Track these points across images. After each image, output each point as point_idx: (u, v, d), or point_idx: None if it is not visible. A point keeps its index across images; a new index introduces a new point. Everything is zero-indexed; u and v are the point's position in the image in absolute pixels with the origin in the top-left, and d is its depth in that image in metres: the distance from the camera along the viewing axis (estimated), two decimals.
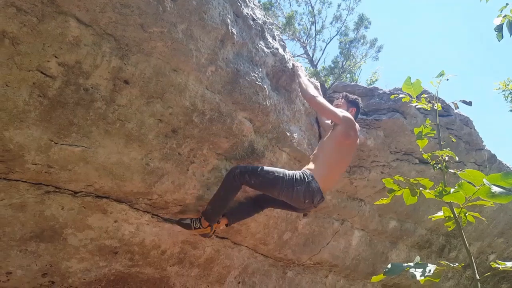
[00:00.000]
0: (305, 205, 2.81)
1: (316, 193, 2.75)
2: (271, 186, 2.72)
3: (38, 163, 2.20)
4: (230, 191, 2.76)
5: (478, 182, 1.10)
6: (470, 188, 1.09)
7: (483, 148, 4.70)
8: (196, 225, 2.82)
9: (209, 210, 2.82)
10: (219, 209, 2.82)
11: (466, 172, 1.09)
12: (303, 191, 2.70)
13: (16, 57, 1.87)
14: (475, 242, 5.76)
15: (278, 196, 2.76)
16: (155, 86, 2.29)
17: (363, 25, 15.42)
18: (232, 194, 2.78)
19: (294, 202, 2.78)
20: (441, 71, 1.41)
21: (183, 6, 2.16)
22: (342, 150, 2.93)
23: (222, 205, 2.80)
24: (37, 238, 2.48)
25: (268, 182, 2.70)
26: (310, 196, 2.73)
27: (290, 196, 2.73)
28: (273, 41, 3.01)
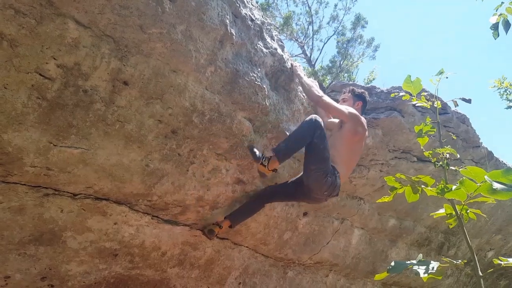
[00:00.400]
0: (321, 195, 2.88)
1: (336, 188, 2.87)
2: (319, 157, 2.76)
3: (37, 166, 2.19)
4: (306, 134, 2.73)
5: (479, 179, 1.11)
6: (472, 185, 1.10)
7: (480, 146, 4.72)
8: (264, 162, 2.75)
9: (282, 147, 2.77)
10: (291, 150, 2.78)
11: (468, 169, 1.09)
12: (330, 182, 2.79)
13: (14, 59, 1.86)
14: (474, 239, 5.78)
15: (310, 173, 2.79)
16: (155, 87, 2.29)
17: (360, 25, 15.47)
18: (307, 137, 2.73)
19: (316, 187, 2.83)
20: (440, 69, 1.42)
21: (182, 7, 2.16)
22: (353, 146, 3.03)
23: (296, 146, 2.78)
24: (36, 241, 2.47)
25: (321, 152, 2.75)
26: (332, 189, 2.83)
27: (318, 179, 2.77)
28: (272, 41, 3.02)
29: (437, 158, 1.36)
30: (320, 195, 2.91)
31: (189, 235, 3.24)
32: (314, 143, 2.73)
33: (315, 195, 2.94)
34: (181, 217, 3.09)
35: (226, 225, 3.18)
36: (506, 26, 2.17)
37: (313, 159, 2.79)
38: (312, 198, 3.03)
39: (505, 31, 2.16)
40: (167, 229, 3.06)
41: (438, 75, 1.43)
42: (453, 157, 1.36)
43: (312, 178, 2.80)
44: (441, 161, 1.33)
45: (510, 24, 2.16)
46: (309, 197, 3.05)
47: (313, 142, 2.73)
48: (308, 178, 2.84)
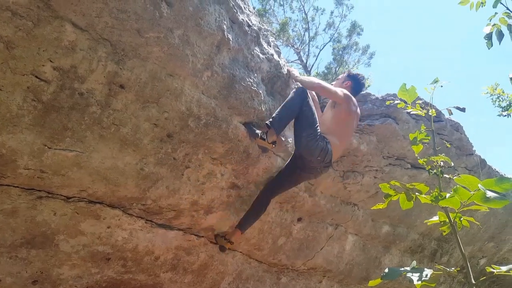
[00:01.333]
0: (315, 162, 2.96)
1: (328, 155, 2.97)
2: (309, 124, 2.90)
3: (30, 168, 2.18)
4: (297, 103, 2.88)
5: (472, 187, 1.12)
6: (466, 193, 1.11)
7: (474, 153, 4.76)
8: (263, 136, 2.84)
9: (276, 119, 2.86)
10: (285, 119, 2.89)
11: (461, 177, 1.10)
12: (321, 147, 2.91)
13: (10, 61, 1.85)
14: (466, 247, 5.81)
15: (301, 140, 2.91)
16: (151, 91, 2.29)
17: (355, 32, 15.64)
18: (296, 106, 2.88)
19: (309, 154, 2.92)
20: (435, 78, 1.43)
21: (179, 12, 2.17)
22: (348, 123, 3.17)
23: (289, 115, 2.89)
24: (28, 244, 2.45)
25: (310, 119, 2.90)
26: (324, 154, 2.93)
27: (310, 146, 2.87)
28: (268, 47, 3.03)
29: (431, 166, 1.38)
30: (314, 162, 2.98)
31: (182, 239, 3.23)
32: (303, 110, 2.88)
33: (310, 164, 3.02)
34: (175, 222, 3.08)
35: (237, 236, 3.24)
36: (499, 36, 2.20)
37: (303, 126, 2.90)
38: (308, 168, 3.09)
39: (499, 41, 2.19)
40: (160, 233, 3.04)
41: (433, 83, 1.45)
42: (447, 165, 1.37)
43: (304, 144, 2.91)
44: (435, 169, 1.34)
45: (504, 34, 2.19)
46: (305, 169, 3.11)
47: (302, 110, 2.88)
48: (300, 146, 2.95)
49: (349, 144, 3.43)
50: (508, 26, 2.21)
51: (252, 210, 3.25)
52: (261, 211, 3.26)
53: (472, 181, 1.10)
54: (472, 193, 1.12)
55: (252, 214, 3.25)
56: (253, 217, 3.27)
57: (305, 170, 3.12)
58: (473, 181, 1.09)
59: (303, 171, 3.14)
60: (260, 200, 3.26)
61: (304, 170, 3.12)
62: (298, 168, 3.12)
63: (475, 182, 1.09)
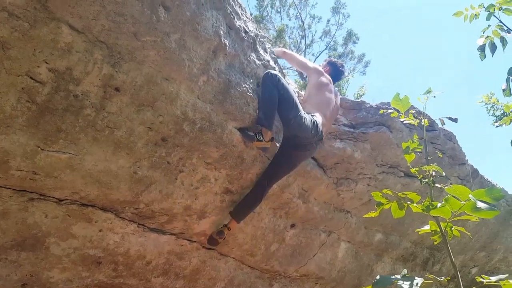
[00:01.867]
0: (310, 137, 3.02)
1: (319, 126, 3.06)
2: (291, 105, 2.90)
3: (23, 170, 2.16)
4: (273, 90, 2.86)
5: (463, 197, 1.13)
6: (456, 203, 1.12)
7: (466, 163, 4.80)
8: (259, 137, 2.85)
9: (261, 116, 2.88)
10: (270, 112, 2.89)
11: (453, 187, 1.11)
12: (311, 121, 2.99)
13: (5, 62, 1.85)
14: (458, 256, 5.84)
15: (290, 122, 2.93)
16: (146, 94, 2.29)
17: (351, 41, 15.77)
18: (274, 93, 2.86)
19: (303, 131, 2.96)
20: (428, 89, 1.45)
21: (176, 17, 2.18)
22: (322, 96, 3.32)
23: (272, 106, 2.88)
24: (18, 247, 2.42)
25: (291, 100, 2.91)
26: (315, 128, 3.01)
27: (300, 123, 2.92)
28: (265, 54, 3.05)
29: (423, 175, 1.39)
30: (310, 138, 3.04)
31: (175, 244, 3.21)
32: (281, 94, 2.88)
33: (305, 141, 3.06)
34: (168, 226, 3.07)
35: (234, 224, 3.22)
36: (492, 49, 2.23)
37: (287, 109, 2.92)
38: (304, 146, 3.12)
39: (492, 53, 2.22)
40: (153, 237, 3.02)
41: (426, 94, 1.47)
42: (438, 174, 1.39)
43: (295, 125, 2.94)
44: (426, 178, 1.35)
45: (496, 47, 2.22)
46: (302, 147, 3.14)
47: (280, 94, 2.87)
48: (292, 128, 2.98)
49: (332, 120, 3.50)
50: (501, 38, 2.24)
51: (248, 200, 3.22)
52: (256, 201, 3.23)
53: (463, 191, 1.11)
54: (463, 203, 1.12)
55: (247, 203, 3.22)
56: (249, 207, 3.24)
57: (301, 148, 3.14)
58: (464, 191, 1.10)
59: (299, 149, 3.15)
60: (256, 189, 3.22)
61: (301, 148, 3.14)
62: (294, 149, 3.13)
63: (466, 192, 1.10)
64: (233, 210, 3.22)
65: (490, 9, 2.20)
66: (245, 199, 3.23)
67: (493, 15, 2.22)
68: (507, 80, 2.25)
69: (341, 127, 3.85)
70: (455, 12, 2.21)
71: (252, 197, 3.22)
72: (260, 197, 3.22)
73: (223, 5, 2.50)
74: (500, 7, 2.19)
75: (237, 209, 3.22)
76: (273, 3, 15.90)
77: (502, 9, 2.19)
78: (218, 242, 3.27)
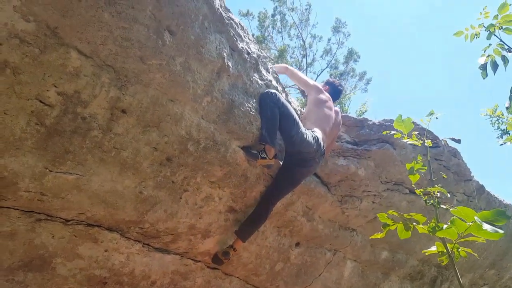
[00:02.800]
0: (313, 152, 3.05)
1: (320, 141, 3.09)
2: (292, 122, 2.95)
3: (31, 191, 2.19)
4: (273, 109, 2.90)
5: (469, 219, 1.13)
6: (462, 225, 1.13)
7: (472, 179, 4.78)
8: (262, 155, 2.88)
9: (264, 134, 2.90)
10: (272, 129, 2.92)
11: (458, 209, 1.12)
12: (311, 137, 3.02)
13: (16, 86, 1.89)
14: (467, 274, 5.75)
15: (292, 139, 2.96)
16: (152, 116, 2.32)
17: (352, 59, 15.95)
18: (274, 110, 2.91)
19: (306, 146, 2.98)
20: (431, 111, 1.47)
21: (181, 40, 2.23)
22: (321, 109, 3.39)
23: (274, 124, 2.92)
24: (25, 267, 2.43)
25: (291, 117, 2.96)
26: (316, 143, 3.04)
27: (302, 139, 2.95)
28: (267, 74, 3.10)
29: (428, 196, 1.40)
30: (312, 153, 3.06)
31: (179, 264, 3.20)
32: (281, 112, 2.93)
33: (308, 156, 3.07)
34: (172, 246, 3.06)
35: (239, 244, 3.21)
36: (494, 67, 2.25)
37: (289, 126, 2.95)
38: (308, 161, 3.13)
39: (493, 72, 2.24)
40: (157, 257, 3.02)
41: (429, 116, 1.49)
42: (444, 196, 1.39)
43: (297, 141, 2.96)
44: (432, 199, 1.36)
45: (498, 65, 2.25)
46: (305, 164, 3.15)
47: (281, 111, 2.92)
48: (295, 144, 2.99)
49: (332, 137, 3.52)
50: (502, 57, 2.27)
51: (252, 218, 3.21)
52: (261, 219, 3.23)
53: (469, 213, 1.11)
54: (469, 224, 1.13)
55: (252, 222, 3.22)
56: (254, 226, 3.24)
57: (305, 165, 3.15)
58: (469, 213, 1.11)
59: (302, 166, 3.16)
60: (260, 207, 3.22)
61: (304, 165, 3.15)
62: (297, 165, 3.15)
63: (472, 214, 1.11)
64: (238, 230, 3.22)
65: (491, 28, 2.24)
66: (250, 218, 3.23)
67: (493, 34, 2.26)
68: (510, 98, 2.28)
69: (344, 144, 3.87)
70: (456, 32, 2.25)
71: (256, 215, 3.22)
72: (265, 216, 3.22)
73: (226, 28, 2.56)
74: (500, 26, 2.23)
75: (242, 228, 3.22)
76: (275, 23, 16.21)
77: (502, 29, 2.23)
78: (223, 262, 3.25)
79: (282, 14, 16.17)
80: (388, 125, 3.87)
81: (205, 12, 2.35)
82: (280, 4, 16.07)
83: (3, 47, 1.78)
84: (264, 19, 16.07)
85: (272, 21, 16.19)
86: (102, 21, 1.94)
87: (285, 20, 16.17)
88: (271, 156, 2.90)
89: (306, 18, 16.13)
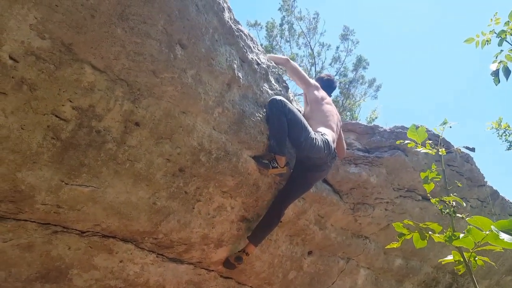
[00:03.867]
0: (324, 157, 3.02)
1: (330, 145, 3.04)
2: (300, 128, 2.90)
3: (47, 204, 2.22)
4: (280, 117, 2.86)
5: (486, 228, 1.13)
6: (479, 234, 1.12)
7: (485, 185, 4.72)
8: (274, 165, 2.90)
9: (273, 144, 2.90)
10: (281, 138, 2.90)
11: (474, 218, 1.12)
12: (321, 141, 2.97)
13: (32, 102, 1.94)
14: (483, 281, 5.65)
15: (302, 145, 2.92)
16: (165, 128, 2.36)
17: (361, 66, 15.91)
18: (282, 119, 2.86)
19: (316, 152, 2.95)
20: (444, 120, 1.48)
21: (192, 53, 2.27)
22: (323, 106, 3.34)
23: (282, 133, 2.89)
24: (43, 279, 2.46)
25: (299, 123, 2.90)
26: (327, 147, 3.00)
27: (312, 145, 2.90)
28: (276, 83, 3.12)
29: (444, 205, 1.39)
30: (323, 158, 3.03)
31: (193, 273, 3.21)
32: (289, 119, 2.88)
33: (319, 161, 3.05)
34: (186, 256, 3.08)
35: (252, 249, 3.20)
36: (506, 73, 2.24)
37: (297, 132, 2.91)
38: (319, 166, 3.12)
39: (506, 78, 2.23)
40: (171, 267, 3.03)
41: (442, 125, 1.49)
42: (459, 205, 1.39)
43: (306, 147, 2.92)
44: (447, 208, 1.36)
45: (510, 71, 2.23)
46: (316, 168, 3.13)
47: (288, 119, 2.88)
48: (305, 150, 2.96)
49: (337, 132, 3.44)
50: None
51: (264, 222, 3.21)
52: (273, 223, 3.22)
53: (485, 222, 1.11)
54: (486, 233, 1.12)
55: (264, 226, 3.21)
56: (265, 230, 3.23)
57: (317, 169, 3.15)
58: (486, 222, 1.11)
59: (314, 170, 3.16)
60: (272, 211, 3.22)
61: (316, 170, 3.15)
62: (309, 170, 3.14)
63: (488, 223, 1.10)
64: (251, 235, 3.22)
65: (502, 35, 2.23)
66: (262, 221, 3.23)
67: (505, 40, 2.25)
68: None
69: (355, 151, 3.86)
70: (466, 39, 2.24)
71: (268, 219, 3.22)
72: (277, 219, 3.22)
73: (236, 40, 2.59)
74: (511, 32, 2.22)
75: (254, 233, 3.22)
76: (283, 33, 16.27)
77: None
78: (235, 267, 3.25)
79: (290, 23, 16.23)
80: (399, 131, 3.86)
81: (215, 25, 2.39)
82: (287, 14, 16.15)
83: (20, 64, 1.82)
84: (272, 28, 16.15)
85: (280, 30, 16.26)
86: (115, 36, 1.98)
87: (293, 29, 16.22)
88: (282, 165, 2.92)
89: (314, 26, 16.16)
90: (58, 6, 1.79)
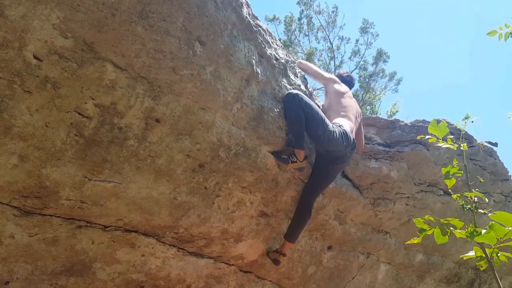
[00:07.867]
0: (343, 149, 3.02)
1: (349, 136, 3.04)
2: (318, 121, 2.91)
3: (72, 199, 2.29)
4: (298, 111, 2.87)
5: (508, 224, 1.11)
6: (501, 230, 1.10)
7: (510, 179, 4.60)
8: (293, 159, 2.91)
9: (291, 138, 2.92)
10: (299, 132, 2.91)
11: (497, 213, 1.10)
12: (339, 133, 2.97)
13: (56, 100, 1.99)
14: (507, 276, 5.52)
15: (320, 138, 2.95)
16: (184, 124, 2.39)
17: (381, 59, 15.63)
18: (300, 113, 2.87)
19: (335, 145, 2.97)
20: (466, 114, 1.45)
21: (211, 50, 2.28)
22: (342, 98, 3.35)
23: (300, 127, 2.90)
24: (67, 272, 2.54)
25: (317, 117, 2.91)
26: (346, 138, 3.00)
27: (331, 138, 2.92)
28: (295, 78, 3.11)
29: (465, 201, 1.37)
30: (343, 150, 3.04)
31: (213, 267, 3.26)
32: (306, 112, 2.87)
33: (339, 153, 3.06)
34: (206, 250, 3.12)
35: (288, 247, 3.31)
36: None
37: (315, 126, 2.91)
38: (340, 158, 3.12)
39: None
40: (192, 261, 3.08)
41: (464, 120, 1.46)
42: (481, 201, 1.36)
43: (325, 140, 2.94)
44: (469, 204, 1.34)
45: None
46: (337, 160, 3.14)
47: (305, 112, 2.87)
48: (323, 143, 2.98)
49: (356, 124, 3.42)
50: None
51: (297, 218, 3.27)
52: (305, 217, 3.27)
53: (508, 217, 1.09)
54: (508, 229, 1.10)
55: (298, 222, 3.27)
56: (300, 225, 3.29)
57: (336, 161, 3.15)
58: (508, 218, 1.09)
59: (335, 163, 3.17)
60: (301, 206, 3.27)
61: (336, 162, 3.16)
62: (330, 163, 3.15)
63: (511, 218, 1.08)
64: (286, 234, 3.31)
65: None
66: (294, 220, 3.29)
67: None
68: None
69: (375, 146, 3.82)
70: (489, 32, 2.18)
71: (300, 216, 3.28)
72: (308, 214, 3.28)
73: (255, 36, 2.59)
74: None
75: (290, 232, 3.30)
76: (301, 27, 16.13)
77: None
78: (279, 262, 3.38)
79: (308, 17, 16.06)
80: (421, 125, 3.79)
81: (233, 21, 2.39)
82: (306, 8, 15.97)
83: (44, 63, 1.88)
84: (290, 23, 16.02)
85: (298, 24, 16.12)
86: (136, 34, 2.01)
87: (311, 23, 16.04)
88: (301, 159, 2.92)
89: (333, 20, 15.94)
90: (80, 6, 1.83)
